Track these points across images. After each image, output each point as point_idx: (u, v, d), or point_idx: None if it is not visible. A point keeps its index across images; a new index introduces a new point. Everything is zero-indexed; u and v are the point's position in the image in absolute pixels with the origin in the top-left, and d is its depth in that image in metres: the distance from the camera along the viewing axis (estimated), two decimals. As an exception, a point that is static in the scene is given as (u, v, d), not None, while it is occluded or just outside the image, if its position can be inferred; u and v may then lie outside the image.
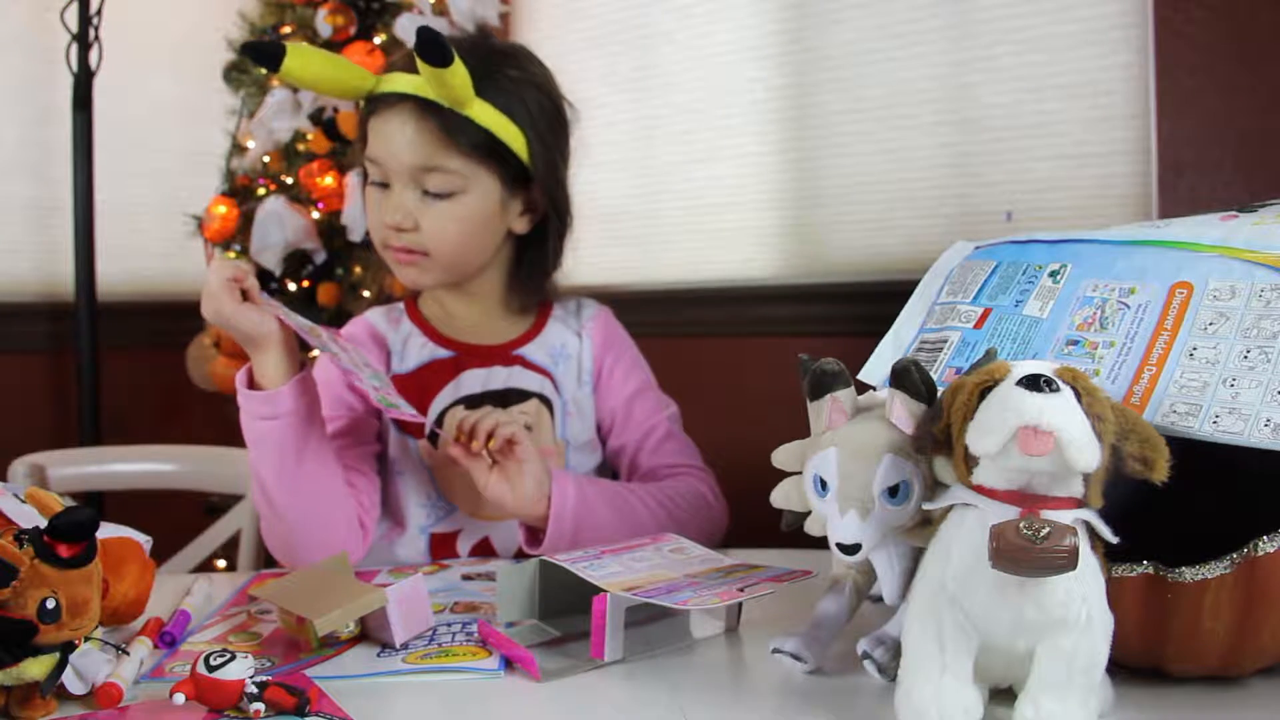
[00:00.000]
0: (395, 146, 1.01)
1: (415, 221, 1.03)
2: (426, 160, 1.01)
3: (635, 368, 1.17)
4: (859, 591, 0.70)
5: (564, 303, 1.18)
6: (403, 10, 2.08)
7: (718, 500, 1.11)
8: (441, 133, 1.00)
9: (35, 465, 1.32)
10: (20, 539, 0.61)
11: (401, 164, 1.02)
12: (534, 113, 1.05)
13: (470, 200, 1.04)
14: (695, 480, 1.10)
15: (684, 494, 1.07)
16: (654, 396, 1.16)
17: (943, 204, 2.09)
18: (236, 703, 0.61)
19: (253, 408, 0.93)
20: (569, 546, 0.95)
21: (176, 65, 2.48)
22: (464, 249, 1.07)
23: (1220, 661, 0.62)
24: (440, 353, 1.11)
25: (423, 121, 1.00)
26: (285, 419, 0.93)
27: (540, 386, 1.11)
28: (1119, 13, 1.91)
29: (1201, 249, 0.70)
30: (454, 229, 1.04)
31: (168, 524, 1.08)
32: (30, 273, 2.32)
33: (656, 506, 1.04)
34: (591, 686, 0.68)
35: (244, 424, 0.95)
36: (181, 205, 2.18)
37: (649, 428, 1.13)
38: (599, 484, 1.03)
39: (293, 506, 0.95)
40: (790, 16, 2.26)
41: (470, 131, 1.01)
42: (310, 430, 0.95)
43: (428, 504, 1.08)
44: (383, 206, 1.04)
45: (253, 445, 0.95)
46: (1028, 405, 0.53)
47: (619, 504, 1.02)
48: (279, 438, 0.93)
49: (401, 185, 1.03)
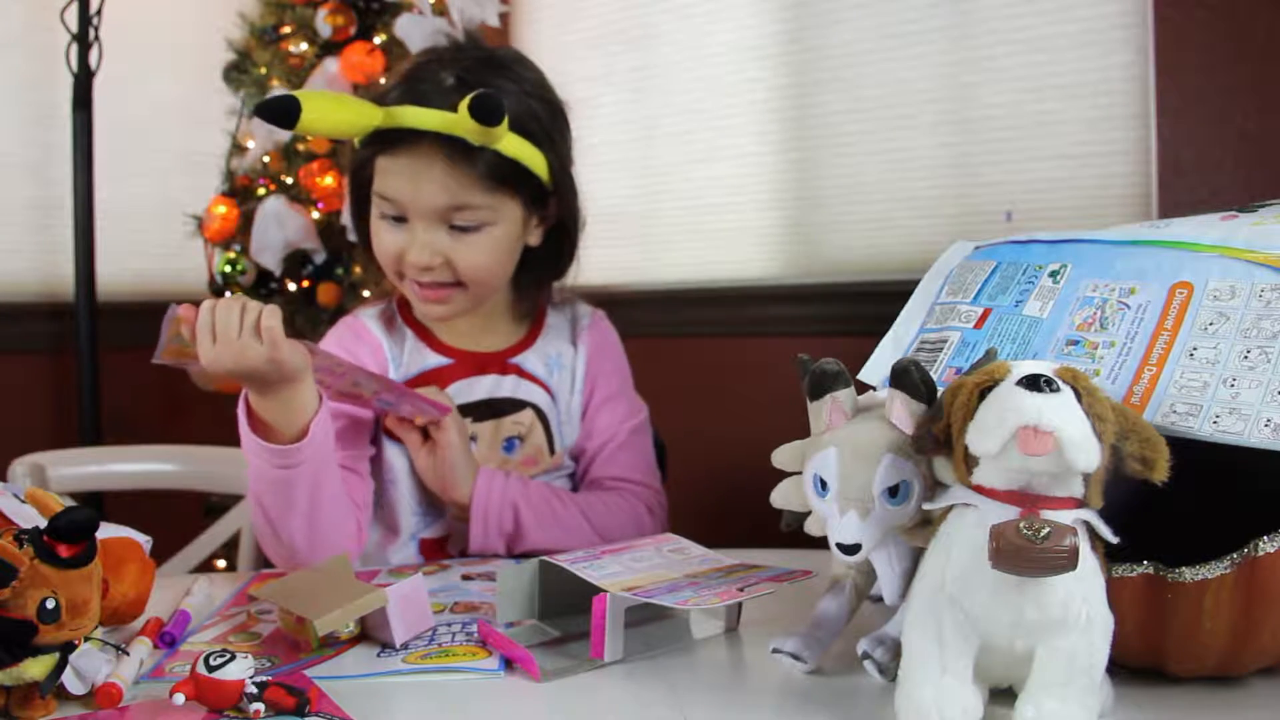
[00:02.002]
0: (422, 189, 0.97)
1: (445, 257, 1.00)
2: (454, 200, 0.98)
3: (615, 372, 1.16)
4: (859, 591, 0.70)
5: (559, 308, 1.17)
6: (403, 10, 2.08)
7: (656, 519, 1.10)
8: (469, 170, 0.96)
9: (35, 465, 1.32)
10: (20, 539, 0.61)
11: (427, 204, 0.98)
12: (547, 127, 1.03)
13: (498, 231, 1.02)
14: (635, 498, 1.10)
15: (620, 511, 1.07)
16: (624, 403, 1.15)
17: (943, 204, 2.09)
18: (236, 703, 0.61)
19: (268, 457, 0.89)
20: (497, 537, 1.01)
21: (176, 65, 2.48)
22: (497, 277, 1.05)
23: (1220, 661, 0.62)
24: (436, 360, 1.10)
25: (450, 162, 0.96)
26: (306, 465, 0.89)
27: (536, 397, 1.11)
28: (1119, 13, 1.91)
29: (1201, 249, 0.70)
30: (486, 260, 1.02)
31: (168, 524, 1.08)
32: (30, 273, 2.32)
33: (584, 521, 1.05)
34: (591, 686, 0.68)
35: (250, 462, 0.91)
36: (181, 205, 2.18)
37: (609, 436, 1.12)
38: (528, 488, 1.04)
39: (301, 539, 0.93)
40: (790, 16, 2.26)
41: (498, 164, 0.98)
42: (328, 465, 0.92)
43: (419, 510, 1.08)
44: (403, 244, 1.01)
45: (259, 483, 0.91)
46: (1028, 405, 0.53)
47: (543, 511, 1.03)
48: (295, 483, 0.90)
49: (425, 224, 0.99)
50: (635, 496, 1.10)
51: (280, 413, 0.88)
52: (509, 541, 1.03)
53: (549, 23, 2.56)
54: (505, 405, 1.09)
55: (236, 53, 2.16)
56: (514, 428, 1.08)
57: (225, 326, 0.84)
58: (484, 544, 1.02)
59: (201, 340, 0.85)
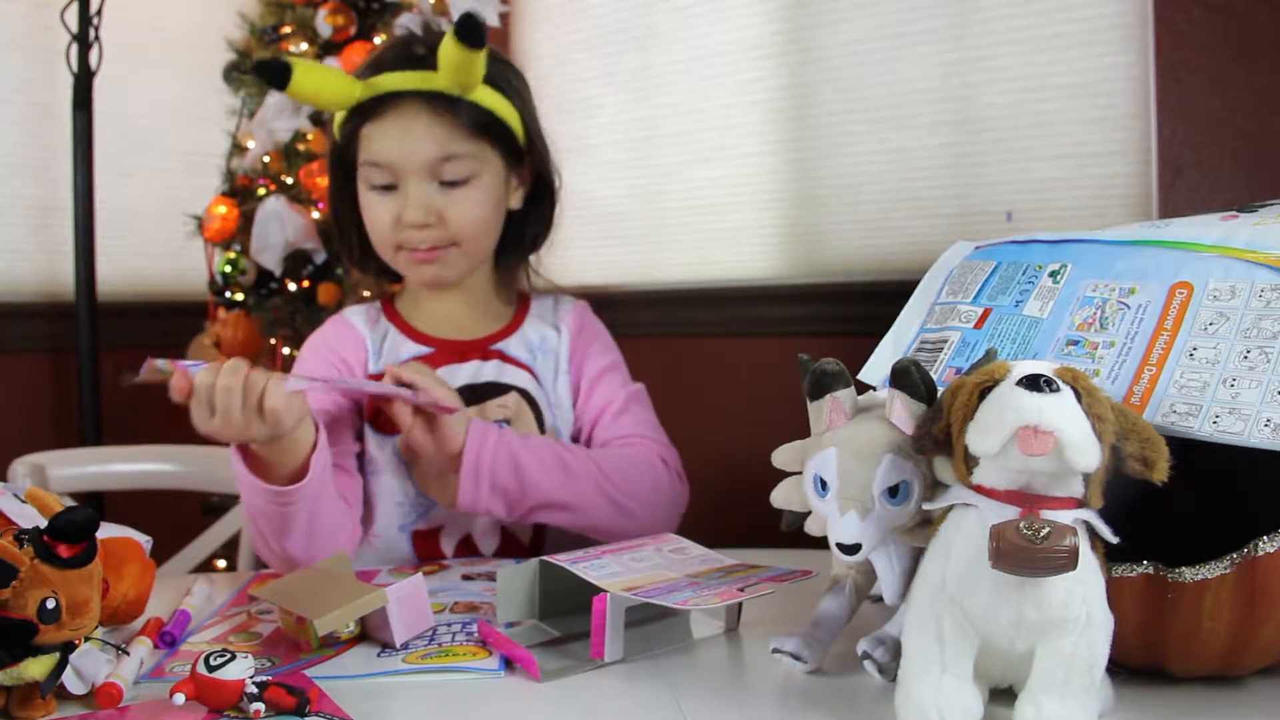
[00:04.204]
0: (410, 142, 1.01)
1: (438, 215, 1.03)
2: (443, 150, 1.01)
3: (605, 351, 1.16)
4: (859, 591, 0.70)
5: (541, 299, 1.18)
6: (403, 10, 2.08)
7: (672, 472, 1.07)
8: (452, 120, 1.01)
9: (35, 465, 1.32)
10: (20, 539, 0.61)
11: (417, 159, 1.01)
12: (515, 85, 1.07)
13: (485, 183, 1.05)
14: (646, 449, 1.07)
15: (630, 457, 1.05)
16: (619, 378, 1.14)
17: (943, 204, 2.09)
18: (236, 703, 0.61)
19: (266, 496, 0.88)
20: (491, 493, 0.96)
21: (176, 65, 2.48)
22: (487, 233, 1.08)
23: (1220, 661, 0.62)
24: (415, 349, 1.10)
25: (433, 113, 1.01)
26: (304, 501, 0.89)
27: (520, 380, 1.10)
28: (1119, 13, 1.91)
29: (1201, 249, 0.70)
30: (477, 213, 1.05)
31: (168, 524, 1.08)
32: (30, 273, 2.32)
33: (592, 465, 1.01)
34: (591, 686, 0.68)
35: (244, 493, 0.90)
36: (181, 205, 2.18)
37: (606, 403, 1.11)
38: (529, 438, 1.02)
39: (299, 553, 0.93)
40: (790, 16, 2.26)
41: (476, 114, 1.02)
42: (326, 490, 0.92)
43: (406, 502, 1.06)
44: (395, 209, 1.03)
45: (255, 512, 0.91)
46: (1028, 405, 0.53)
47: (546, 456, 1.00)
48: (293, 515, 0.90)
49: (417, 181, 1.02)
50: (648, 449, 1.07)
51: (278, 454, 0.88)
52: (510, 500, 0.98)
53: (549, 23, 2.56)
54: (488, 390, 1.08)
55: (236, 53, 2.16)
56: (499, 411, 1.07)
57: (226, 408, 0.82)
58: (475, 498, 0.96)
59: (198, 412, 0.83)
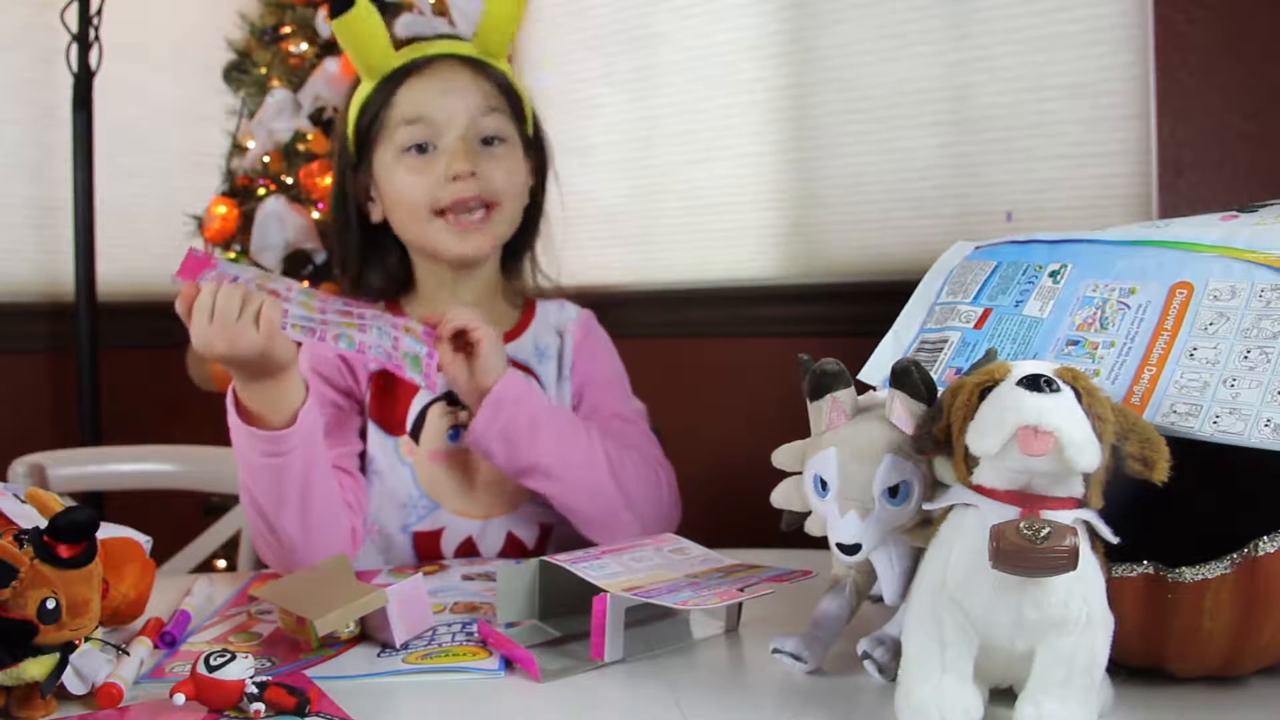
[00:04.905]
0: (453, 96, 1.03)
1: (479, 168, 1.03)
2: (486, 100, 1.04)
3: (610, 363, 1.16)
4: (859, 591, 0.70)
5: (546, 304, 1.17)
6: (403, 10, 2.08)
7: (669, 489, 1.07)
8: (489, 79, 1.06)
9: (35, 465, 1.32)
10: (20, 539, 0.61)
11: (461, 110, 1.03)
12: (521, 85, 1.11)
13: (515, 150, 1.07)
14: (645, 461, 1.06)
15: (635, 460, 1.04)
16: (621, 391, 1.15)
17: (943, 204, 2.09)
18: (236, 703, 0.61)
19: (257, 445, 0.89)
20: (500, 436, 0.97)
21: (176, 65, 2.48)
22: (520, 197, 1.09)
23: (1220, 661, 0.62)
24: None
25: (473, 70, 1.05)
26: (295, 452, 0.89)
27: None
28: (1119, 13, 1.91)
29: (1201, 249, 0.70)
30: (510, 177, 1.06)
31: (168, 524, 1.08)
32: (30, 273, 2.32)
33: (602, 451, 1.01)
34: (591, 686, 0.68)
35: (239, 452, 0.91)
36: (181, 205, 2.18)
37: (607, 412, 1.10)
38: (556, 407, 1.03)
39: (295, 535, 0.93)
40: (790, 16, 2.26)
41: (503, 80, 1.07)
42: (317, 456, 0.92)
43: (408, 503, 1.06)
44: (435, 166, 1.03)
45: (250, 475, 0.91)
46: (1028, 405, 0.53)
47: (565, 427, 1.00)
48: (285, 472, 0.90)
49: (456, 135, 1.03)
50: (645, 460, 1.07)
51: (267, 401, 0.89)
52: (510, 451, 0.98)
53: (549, 23, 2.56)
54: None
55: (236, 53, 2.16)
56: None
57: (225, 310, 0.84)
58: (485, 432, 0.97)
59: (197, 319, 0.85)
